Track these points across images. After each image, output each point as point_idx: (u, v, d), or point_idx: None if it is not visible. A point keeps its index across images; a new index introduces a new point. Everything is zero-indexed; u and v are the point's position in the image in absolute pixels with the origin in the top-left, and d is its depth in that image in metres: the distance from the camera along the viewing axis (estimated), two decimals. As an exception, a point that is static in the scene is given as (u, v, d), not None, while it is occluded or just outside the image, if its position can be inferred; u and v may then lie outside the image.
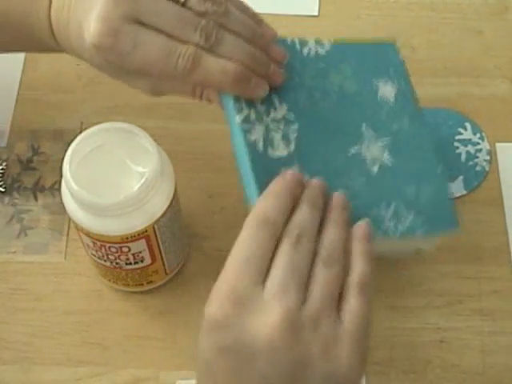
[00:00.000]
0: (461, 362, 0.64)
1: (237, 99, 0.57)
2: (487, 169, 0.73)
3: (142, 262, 0.63)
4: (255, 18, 0.59)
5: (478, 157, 0.73)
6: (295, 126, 0.58)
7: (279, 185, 0.52)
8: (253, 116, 0.57)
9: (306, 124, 0.58)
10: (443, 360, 0.64)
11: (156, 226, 0.60)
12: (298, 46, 0.62)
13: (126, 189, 0.58)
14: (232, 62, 0.55)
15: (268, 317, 0.47)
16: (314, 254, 0.50)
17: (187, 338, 0.65)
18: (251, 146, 0.56)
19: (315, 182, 0.53)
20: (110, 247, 0.60)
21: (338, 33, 0.80)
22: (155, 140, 0.59)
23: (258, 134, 0.56)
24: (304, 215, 0.51)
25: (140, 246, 0.61)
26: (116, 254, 0.61)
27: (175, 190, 0.62)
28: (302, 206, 0.52)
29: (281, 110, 0.58)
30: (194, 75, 0.55)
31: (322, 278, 0.49)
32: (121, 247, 0.60)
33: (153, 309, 0.67)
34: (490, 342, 0.65)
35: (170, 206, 0.61)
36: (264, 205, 0.51)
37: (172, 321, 0.66)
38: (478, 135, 0.74)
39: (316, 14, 0.82)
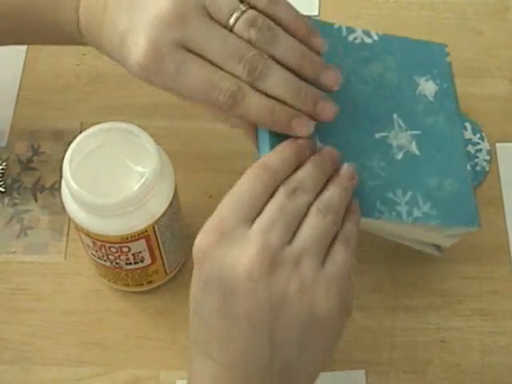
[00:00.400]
0: (461, 361, 0.64)
1: None
2: (487, 169, 0.73)
3: (141, 261, 0.63)
4: (305, 26, 0.56)
5: (477, 157, 0.73)
6: None
7: (288, 142, 0.53)
8: None
9: (336, 102, 0.56)
10: (443, 360, 0.64)
11: (156, 226, 0.60)
12: (344, 33, 0.62)
13: (126, 189, 0.58)
14: (273, 103, 0.53)
15: (247, 249, 0.48)
16: (309, 208, 0.51)
17: (187, 338, 0.65)
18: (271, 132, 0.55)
19: (327, 149, 0.54)
20: (109, 247, 0.60)
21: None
22: (155, 140, 0.59)
23: None
24: (306, 173, 0.52)
25: (140, 246, 0.61)
26: (116, 254, 0.61)
27: (175, 190, 0.62)
28: (307, 164, 0.52)
29: None
30: (233, 111, 0.54)
31: (311, 224, 0.50)
32: (121, 247, 0.60)
33: (153, 309, 0.67)
34: (489, 341, 0.65)
35: (169, 206, 0.61)
36: (268, 157, 0.52)
37: (172, 321, 0.66)
38: (478, 135, 0.74)
39: (316, 13, 0.82)
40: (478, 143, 0.74)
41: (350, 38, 0.62)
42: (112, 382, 0.64)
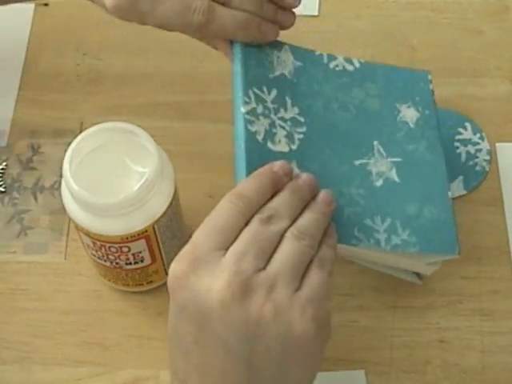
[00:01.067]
0: (461, 361, 0.64)
1: (246, 90, 0.57)
2: (487, 169, 0.73)
3: (141, 261, 0.63)
4: None
5: (477, 157, 0.73)
6: (303, 129, 0.58)
7: (264, 170, 0.53)
8: (259, 110, 0.57)
9: (315, 128, 0.58)
10: (443, 360, 0.64)
11: (156, 226, 0.60)
12: (325, 60, 0.62)
13: (126, 189, 0.58)
14: (244, 13, 0.59)
15: (221, 276, 0.47)
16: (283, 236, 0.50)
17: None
18: (250, 135, 0.56)
19: (304, 175, 0.54)
20: (110, 247, 0.60)
21: (338, 33, 0.81)
22: (155, 140, 0.59)
23: (259, 127, 0.57)
24: (282, 200, 0.52)
25: (140, 246, 0.61)
26: (116, 254, 0.61)
27: (175, 190, 0.62)
28: (283, 191, 0.52)
29: (291, 112, 0.59)
30: (208, 28, 0.58)
31: (285, 248, 0.49)
32: (121, 247, 0.60)
33: (153, 309, 0.67)
34: (489, 341, 0.65)
35: (169, 206, 0.61)
36: (243, 184, 0.52)
37: (172, 321, 0.66)
38: (478, 135, 0.74)
39: (316, 13, 0.82)
40: (478, 143, 0.74)
41: (331, 65, 0.62)
42: (112, 382, 0.64)
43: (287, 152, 0.57)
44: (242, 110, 0.57)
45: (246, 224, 0.50)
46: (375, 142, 0.60)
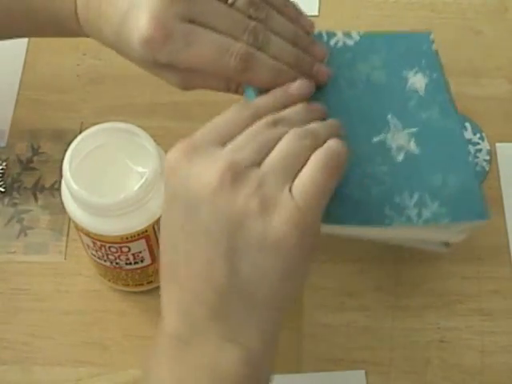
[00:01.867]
0: (461, 361, 0.64)
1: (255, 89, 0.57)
2: (487, 169, 0.73)
3: (141, 262, 0.63)
4: (296, 11, 0.60)
5: (477, 157, 0.73)
6: None
7: (280, 89, 0.54)
8: None
9: (329, 111, 0.57)
10: (443, 360, 0.64)
11: (156, 226, 0.60)
12: (324, 38, 0.62)
13: (126, 189, 0.58)
14: (280, 64, 0.56)
15: (214, 165, 0.47)
16: None
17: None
18: None
19: (317, 105, 0.54)
20: (109, 247, 0.60)
21: (337, 33, 0.81)
22: (155, 140, 0.59)
23: None
24: (294, 111, 0.52)
25: (140, 246, 0.61)
26: (116, 254, 0.61)
27: (175, 190, 0.62)
28: (297, 105, 0.53)
29: None
30: (244, 75, 0.56)
31: (283, 146, 0.49)
32: (121, 247, 0.60)
33: (153, 309, 0.67)
34: (489, 341, 0.65)
35: (169, 206, 0.61)
36: (257, 99, 0.53)
37: (172, 321, 0.66)
38: (478, 135, 0.74)
39: (316, 13, 0.82)
40: (478, 143, 0.74)
41: (332, 42, 0.62)
42: (112, 382, 0.64)
43: None
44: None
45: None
46: (389, 116, 0.59)
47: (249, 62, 0.55)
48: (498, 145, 0.74)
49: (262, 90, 0.56)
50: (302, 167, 0.49)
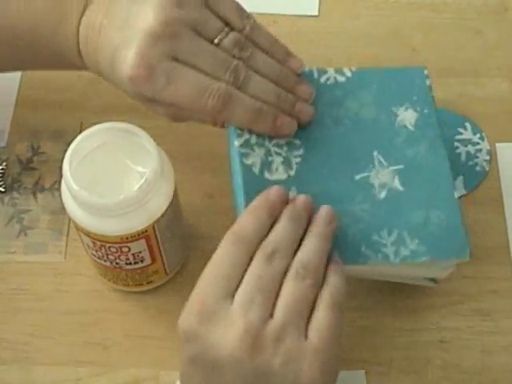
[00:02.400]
0: (461, 361, 0.64)
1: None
2: (487, 169, 0.73)
3: (142, 261, 0.63)
4: (282, 50, 0.61)
5: (477, 157, 0.73)
6: (300, 152, 0.58)
7: (260, 202, 0.53)
8: (253, 141, 0.58)
9: (312, 149, 0.58)
10: (443, 360, 0.64)
11: (156, 226, 0.60)
12: (315, 75, 0.62)
13: (126, 189, 0.58)
14: (260, 103, 0.57)
15: (231, 331, 0.49)
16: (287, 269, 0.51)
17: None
18: (246, 169, 0.56)
19: (300, 198, 0.54)
20: (110, 247, 0.60)
21: (338, 33, 0.80)
22: (155, 140, 0.59)
23: (255, 159, 0.57)
24: (281, 231, 0.52)
25: (140, 245, 0.61)
26: (116, 254, 0.61)
27: (175, 190, 0.62)
28: (281, 221, 0.53)
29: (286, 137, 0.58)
30: (222, 113, 0.57)
31: (289, 291, 0.50)
32: (121, 247, 0.60)
33: (153, 309, 0.67)
34: (489, 342, 0.65)
35: (169, 206, 0.61)
36: (241, 221, 0.52)
37: (172, 321, 0.66)
38: (478, 135, 0.74)
39: (316, 13, 0.82)
40: (478, 143, 0.74)
41: (322, 79, 0.62)
42: (112, 382, 0.64)
43: (285, 179, 0.57)
44: (236, 143, 0.57)
45: (250, 261, 0.51)
46: (375, 153, 0.59)
47: (226, 103, 0.56)
48: (498, 145, 0.74)
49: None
50: (312, 306, 0.51)
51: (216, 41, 0.58)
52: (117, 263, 0.62)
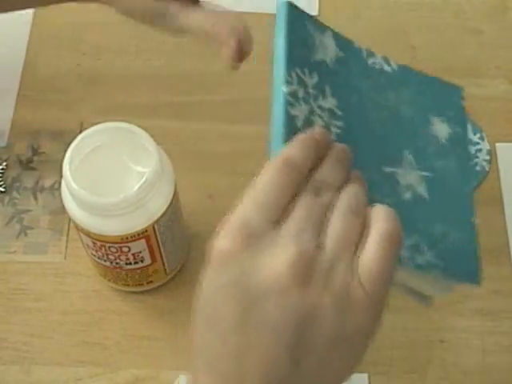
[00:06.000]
0: (461, 361, 0.64)
1: (289, 69, 0.53)
2: (487, 169, 0.73)
3: (141, 262, 0.63)
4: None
5: (478, 157, 0.73)
6: (340, 123, 0.56)
7: (308, 135, 0.50)
8: (300, 94, 0.54)
9: (351, 125, 0.56)
10: (443, 360, 0.64)
11: (156, 226, 0.60)
12: (364, 55, 0.60)
13: (126, 189, 0.58)
14: None
15: (281, 254, 0.44)
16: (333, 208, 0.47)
17: (187, 338, 0.65)
18: (290, 119, 0.52)
19: (341, 145, 0.51)
20: (110, 247, 0.60)
21: (338, 33, 0.81)
22: (155, 140, 0.59)
23: (300, 112, 0.54)
24: (330, 168, 0.49)
25: (140, 246, 0.61)
26: (116, 254, 0.61)
27: (175, 190, 0.62)
28: (328, 160, 0.49)
29: (329, 102, 0.55)
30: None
31: (340, 225, 0.46)
32: (121, 247, 0.60)
33: (153, 309, 0.67)
34: (490, 341, 0.65)
35: (169, 206, 0.61)
36: (290, 150, 0.48)
37: (172, 321, 0.66)
38: (478, 135, 0.74)
39: (316, 13, 0.82)
40: (478, 143, 0.74)
41: (370, 61, 0.60)
42: (112, 382, 0.64)
43: None
44: (284, 89, 0.53)
45: (295, 192, 0.47)
46: (406, 152, 0.57)
47: None
48: (498, 145, 0.74)
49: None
50: (361, 244, 0.46)
51: None
52: (117, 263, 0.62)
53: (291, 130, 0.52)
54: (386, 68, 0.60)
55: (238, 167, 0.72)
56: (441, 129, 0.60)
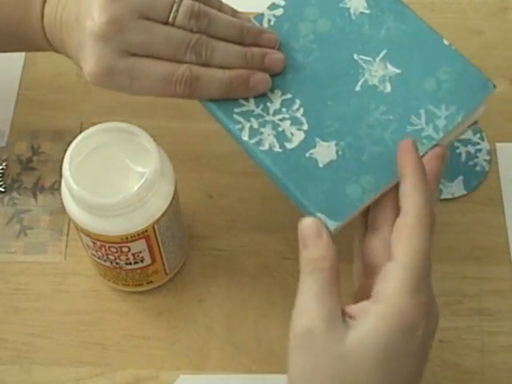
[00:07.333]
0: (461, 361, 0.64)
1: (230, 117, 0.57)
2: (487, 169, 0.73)
3: (141, 261, 0.63)
4: (232, 9, 0.60)
5: (477, 157, 0.73)
6: (297, 104, 0.57)
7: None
8: (255, 125, 0.57)
9: (303, 93, 0.57)
10: (443, 360, 0.64)
11: (156, 226, 0.60)
12: (257, 23, 0.60)
13: (125, 189, 0.58)
14: (227, 71, 0.56)
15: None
16: None
17: (187, 338, 0.65)
18: (268, 155, 0.55)
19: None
20: (109, 247, 0.60)
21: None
22: (155, 140, 0.59)
23: (267, 138, 0.56)
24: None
25: (140, 245, 0.61)
26: (116, 254, 0.61)
27: (175, 190, 0.62)
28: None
29: (276, 98, 0.57)
30: (194, 95, 0.57)
31: None
32: (121, 247, 0.60)
33: (153, 309, 0.67)
34: (489, 341, 0.65)
35: (169, 206, 0.61)
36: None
37: (172, 321, 0.66)
38: (478, 135, 0.74)
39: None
40: (478, 143, 0.74)
41: (265, 23, 0.60)
42: (112, 382, 0.64)
43: (305, 137, 0.56)
44: (245, 138, 0.56)
45: None
46: (355, 56, 0.58)
47: (194, 84, 0.56)
48: (498, 145, 0.74)
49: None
50: None
51: (170, 20, 0.56)
52: (117, 263, 0.62)
53: (276, 160, 0.55)
54: (277, 12, 0.60)
55: (238, 167, 0.72)
56: (357, 3, 0.60)
